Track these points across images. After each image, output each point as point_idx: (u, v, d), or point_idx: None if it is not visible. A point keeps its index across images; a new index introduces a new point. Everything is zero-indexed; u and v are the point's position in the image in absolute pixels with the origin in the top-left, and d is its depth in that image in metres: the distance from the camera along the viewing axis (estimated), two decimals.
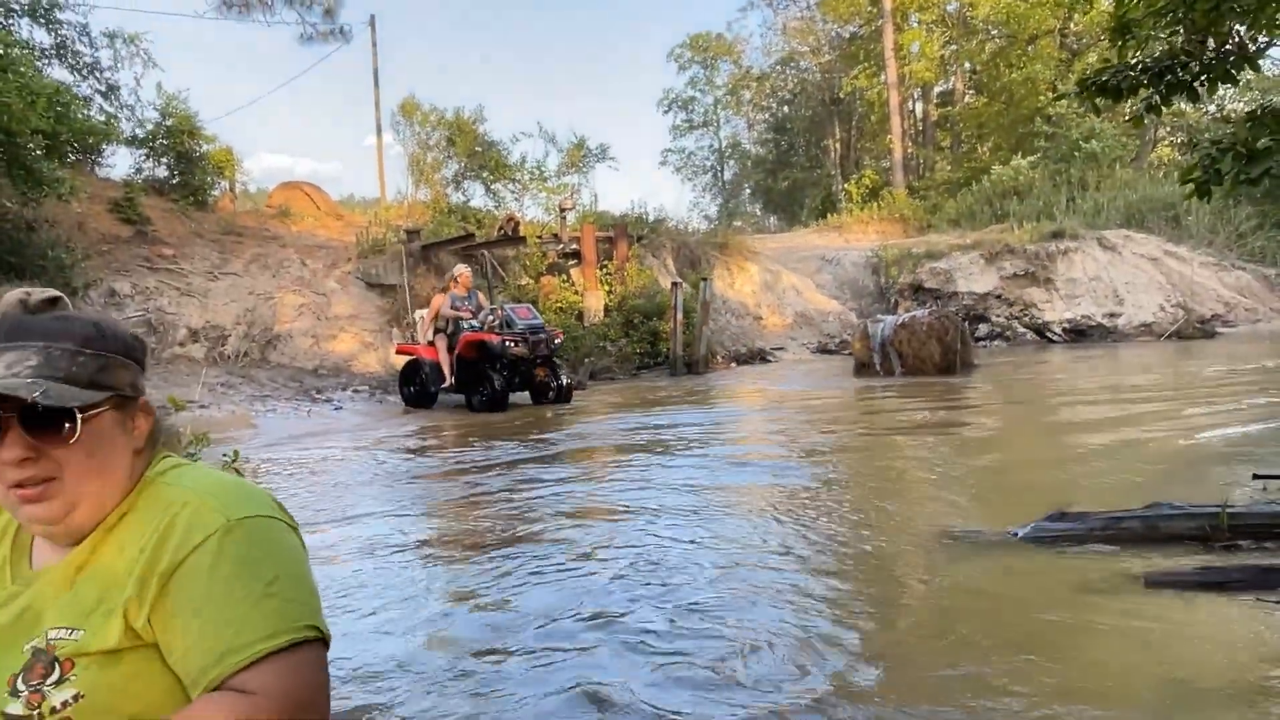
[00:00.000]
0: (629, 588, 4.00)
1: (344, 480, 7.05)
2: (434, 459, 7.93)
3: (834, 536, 4.73)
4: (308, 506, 6.08)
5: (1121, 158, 26.92)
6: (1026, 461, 6.67)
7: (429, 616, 3.77)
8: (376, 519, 5.66)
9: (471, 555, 4.71)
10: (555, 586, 4.08)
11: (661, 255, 20.08)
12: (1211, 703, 2.70)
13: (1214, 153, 3.89)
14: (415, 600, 4.00)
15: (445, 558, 4.73)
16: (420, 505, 6.13)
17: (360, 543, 5.04)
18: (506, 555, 4.63)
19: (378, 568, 4.53)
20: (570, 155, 22.84)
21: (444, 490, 6.56)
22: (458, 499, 6.24)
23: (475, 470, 7.19)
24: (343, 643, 3.45)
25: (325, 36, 25.25)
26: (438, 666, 3.23)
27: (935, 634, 3.40)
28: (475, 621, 3.69)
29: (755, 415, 9.93)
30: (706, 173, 49.18)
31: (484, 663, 3.24)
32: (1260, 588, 3.50)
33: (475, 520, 5.54)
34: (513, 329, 11.64)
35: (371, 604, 3.95)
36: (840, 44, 39.08)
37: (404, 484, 6.85)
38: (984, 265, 21.01)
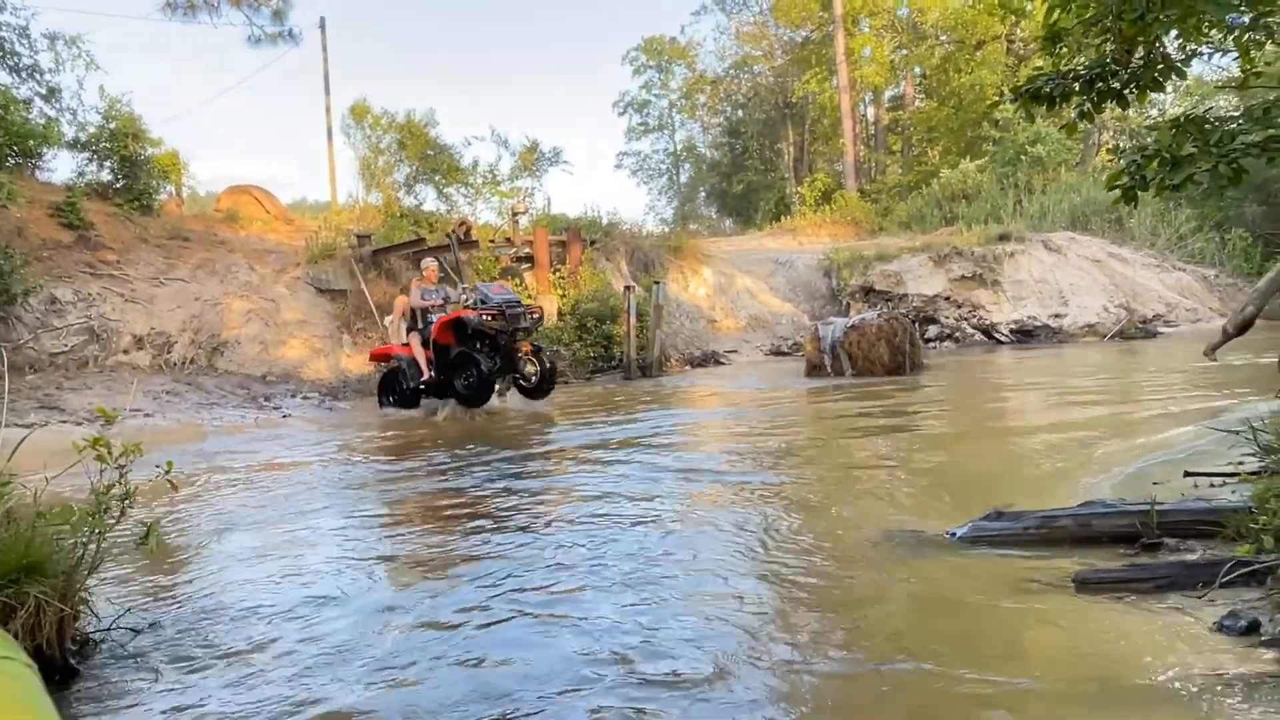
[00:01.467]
0: (574, 585, 4.00)
1: (290, 489, 6.96)
2: (384, 467, 7.86)
3: (777, 535, 4.76)
4: (253, 515, 6.00)
5: (1066, 161, 27.44)
6: (968, 461, 6.78)
7: (373, 627, 3.74)
8: (321, 527, 5.59)
9: (422, 565, 4.68)
10: (500, 591, 4.06)
11: (615, 258, 20.09)
12: (1135, 699, 2.77)
13: (1140, 158, 3.99)
14: (358, 611, 3.96)
15: (392, 568, 4.69)
16: (367, 514, 6.07)
17: (305, 553, 4.99)
18: (464, 563, 4.60)
19: (322, 579, 4.48)
20: (523, 158, 22.77)
21: (395, 498, 6.51)
22: (409, 507, 6.19)
23: (430, 476, 7.14)
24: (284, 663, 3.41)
25: (274, 39, 24.90)
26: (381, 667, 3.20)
27: (870, 632, 3.44)
28: (420, 611, 3.66)
29: (707, 417, 9.97)
30: (662, 176, 49.34)
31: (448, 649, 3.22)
32: (1186, 584, 3.59)
33: (427, 530, 5.50)
34: (489, 304, 11.08)
35: (317, 616, 3.91)
36: (792, 48, 39.40)
37: (350, 491, 6.77)
38: (933, 268, 21.29)
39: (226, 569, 4.76)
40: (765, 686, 2.99)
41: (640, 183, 50.44)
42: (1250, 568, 3.34)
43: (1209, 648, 3.05)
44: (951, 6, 32.94)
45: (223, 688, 3.19)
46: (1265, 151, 3.60)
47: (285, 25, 23.65)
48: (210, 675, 3.31)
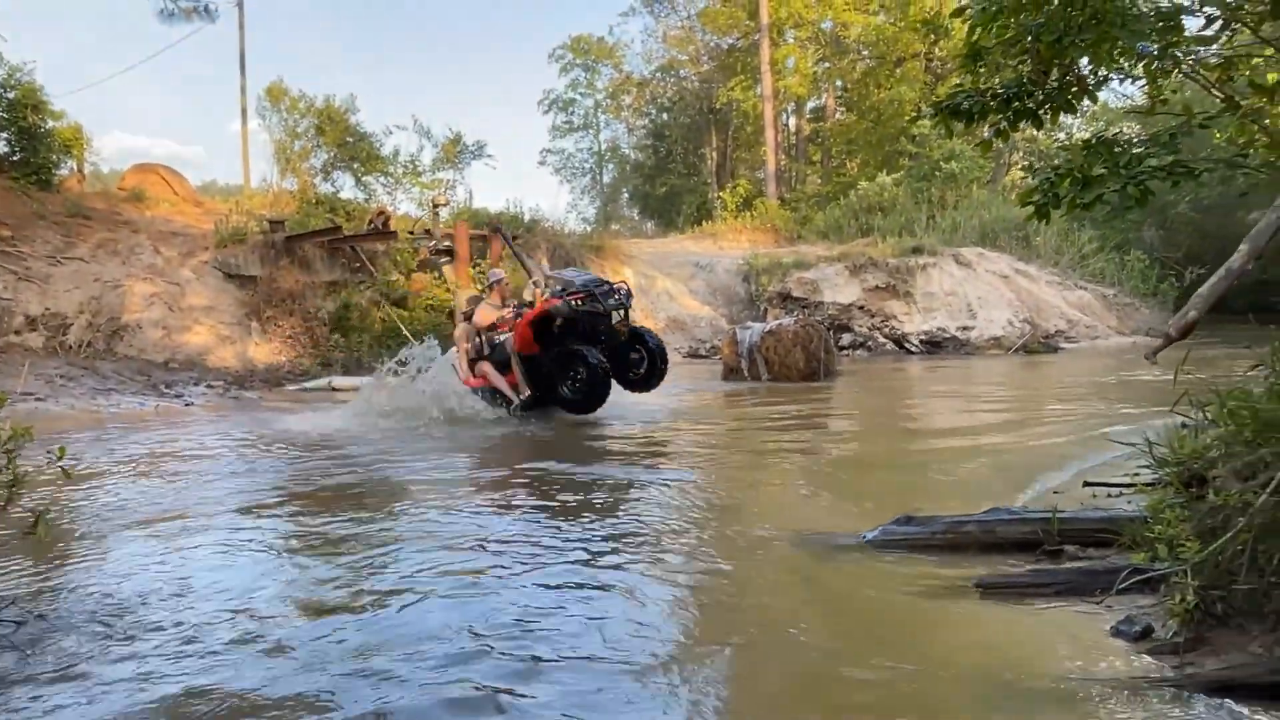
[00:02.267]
0: (471, 590, 3.94)
1: (189, 478, 6.71)
2: (288, 457, 7.63)
3: (688, 535, 4.77)
4: (149, 504, 5.76)
5: (978, 179, 28.30)
6: (879, 467, 6.91)
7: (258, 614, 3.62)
8: (218, 517, 5.40)
9: (316, 552, 4.56)
10: (391, 574, 3.98)
11: (536, 255, 19.95)
12: (1034, 700, 2.84)
13: (1053, 177, 4.12)
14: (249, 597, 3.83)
15: (286, 556, 4.55)
16: (264, 504, 5.88)
17: (199, 542, 4.81)
18: (355, 552, 4.49)
19: (214, 568, 4.32)
20: (446, 150, 22.47)
21: (295, 489, 6.32)
22: (308, 497, 6.03)
23: (336, 466, 6.97)
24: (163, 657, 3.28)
25: (189, 14, 24.12)
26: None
27: (775, 630, 3.48)
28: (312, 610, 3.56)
29: (620, 417, 9.95)
30: (585, 175, 49.23)
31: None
32: (1085, 590, 3.71)
33: (323, 518, 5.36)
34: (572, 288, 9.32)
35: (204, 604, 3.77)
36: (719, 55, 39.75)
37: (250, 481, 6.56)
38: (849, 277, 21.72)
39: (118, 559, 4.57)
40: (658, 676, 2.99)
41: (564, 181, 50.18)
42: (1145, 575, 3.46)
43: (1105, 651, 3.16)
44: (874, 23, 33.68)
45: (111, 680, 3.04)
46: (1170, 175, 3.76)
47: (200, 1, 22.88)
48: (97, 666, 3.16)
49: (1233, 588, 3.12)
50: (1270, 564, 3.08)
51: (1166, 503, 3.87)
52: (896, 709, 2.80)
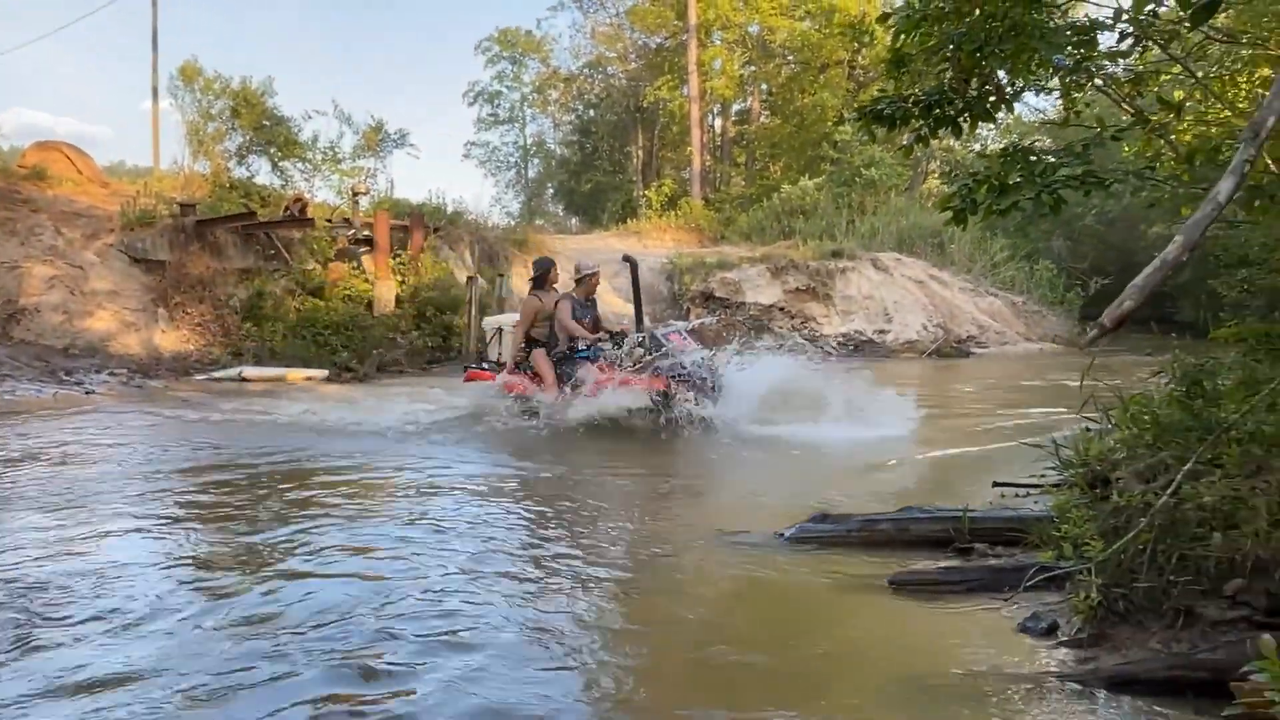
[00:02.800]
0: (376, 597, 3.85)
1: (86, 467, 6.43)
2: (190, 448, 7.37)
3: (605, 533, 4.76)
4: (42, 495, 5.50)
5: (897, 186, 28.89)
6: (799, 466, 6.98)
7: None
8: (112, 509, 5.18)
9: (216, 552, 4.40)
10: (296, 600, 3.87)
11: (459, 248, 19.69)
12: (943, 694, 2.90)
13: (971, 183, 4.21)
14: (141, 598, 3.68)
15: (179, 547, 4.39)
16: (162, 495, 5.67)
17: (91, 534, 4.61)
18: (251, 555, 4.35)
19: (108, 562, 4.14)
20: (367, 138, 21.97)
21: (196, 480, 6.11)
22: (208, 489, 5.83)
23: (236, 456, 6.75)
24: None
25: None
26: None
27: (689, 623, 3.51)
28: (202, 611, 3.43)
29: (530, 417, 9.85)
30: (510, 169, 48.78)
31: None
32: (993, 587, 3.80)
33: (220, 510, 5.18)
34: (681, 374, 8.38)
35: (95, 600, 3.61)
36: (646, 54, 39.79)
37: (148, 471, 6.31)
38: (770, 278, 21.97)
39: (8, 547, 4.35)
40: (557, 661, 3.00)
41: (488, 174, 49.62)
42: (1051, 573, 3.56)
43: (1012, 647, 3.24)
44: (799, 28, 34.13)
45: None
46: (1082, 184, 3.87)
47: None
48: None
49: (1134, 585, 3.23)
50: (1169, 563, 3.19)
51: (1072, 503, 3.99)
52: (804, 699, 2.82)
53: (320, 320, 15.25)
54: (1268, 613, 3.00)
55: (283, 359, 14.33)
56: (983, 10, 4.17)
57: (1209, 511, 3.24)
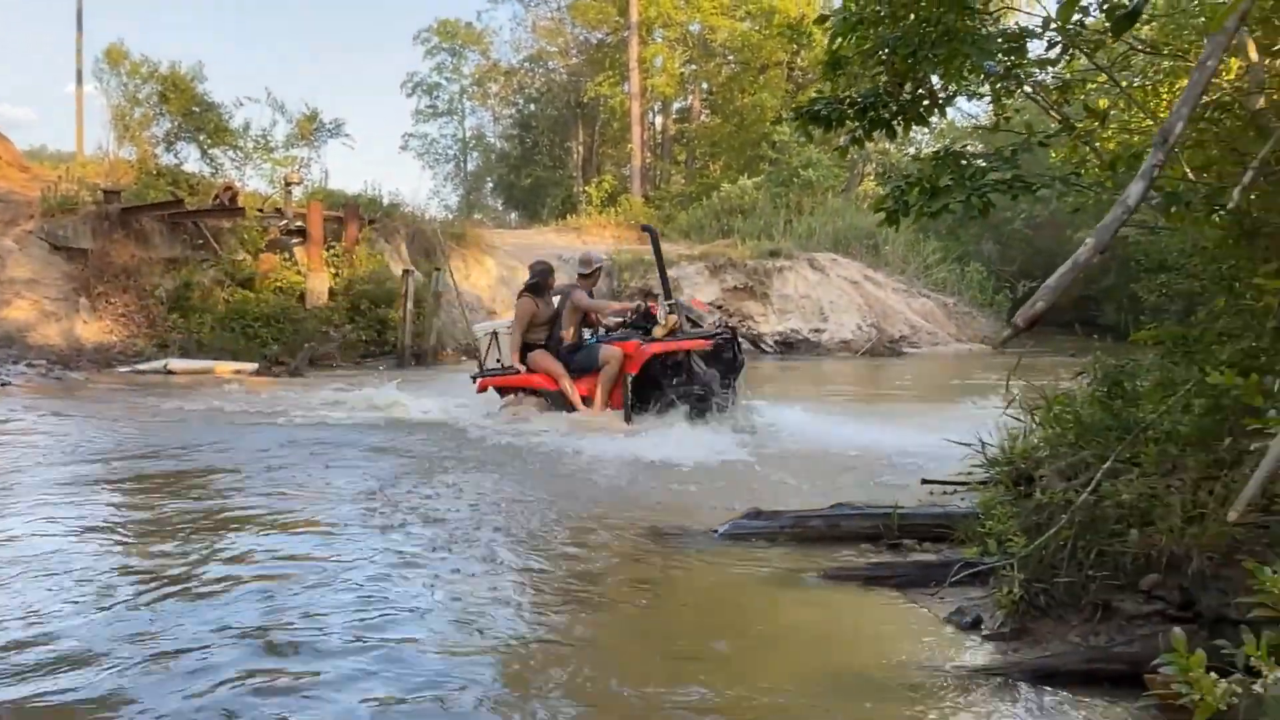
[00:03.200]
0: (304, 596, 3.78)
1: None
2: (107, 441, 7.15)
3: (539, 530, 4.73)
4: None
5: (833, 187, 29.28)
6: (734, 463, 7.02)
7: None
8: (20, 502, 5.01)
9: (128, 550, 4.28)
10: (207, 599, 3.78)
11: (395, 241, 19.41)
12: (871, 685, 2.94)
13: (903, 185, 4.28)
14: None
15: (92, 542, 4.26)
16: (73, 488, 5.49)
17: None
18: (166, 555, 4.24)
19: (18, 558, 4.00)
20: (301, 127, 21.50)
21: (110, 474, 5.93)
22: (123, 483, 5.66)
23: (154, 449, 6.57)
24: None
25: None
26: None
27: (623, 618, 3.51)
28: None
29: (466, 411, 9.76)
30: (449, 162, 48.21)
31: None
32: (921, 582, 3.88)
33: (134, 504, 5.04)
34: (704, 334, 8.48)
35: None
36: (587, 49, 39.68)
37: (61, 465, 6.11)
38: (709, 277, 22.10)
39: None
40: (484, 655, 2.98)
41: (426, 166, 48.94)
42: (976, 569, 3.64)
43: (938, 640, 3.30)
44: (740, 29, 34.35)
45: None
46: (1010, 188, 3.96)
47: None
48: None
49: (1054, 580, 3.31)
50: (1089, 558, 3.28)
51: (997, 500, 4.09)
52: (736, 689, 2.84)
53: (250, 312, 14.92)
54: (1181, 607, 3.10)
55: (211, 352, 13.99)
56: (917, 15, 4.24)
57: (1127, 509, 3.34)
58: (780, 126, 23.43)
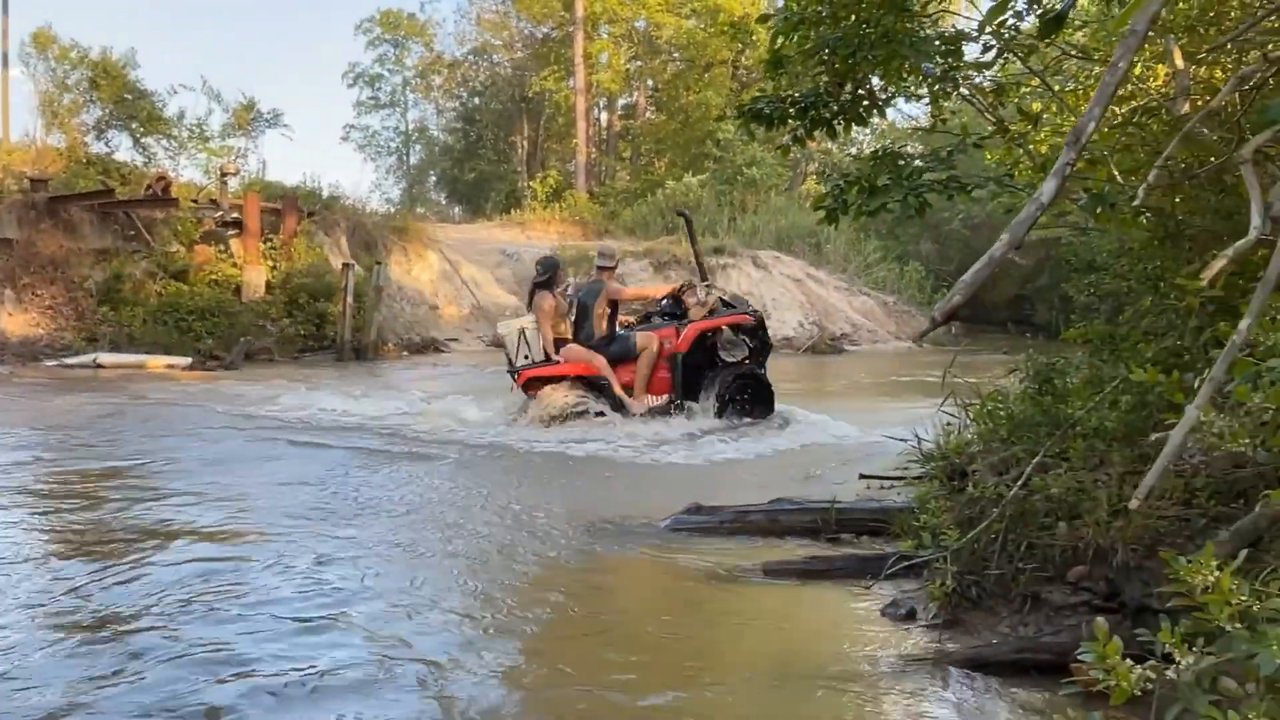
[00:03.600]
0: (242, 592, 3.72)
1: None
2: (32, 437, 6.94)
3: (485, 525, 4.71)
4: None
5: (777, 186, 29.54)
6: (670, 460, 7.04)
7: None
8: None
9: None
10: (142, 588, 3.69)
11: (335, 234, 19.10)
12: (805, 677, 2.98)
13: (842, 183, 4.34)
14: None
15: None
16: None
17: None
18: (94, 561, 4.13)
19: None
20: (238, 116, 21.09)
21: (32, 470, 5.76)
22: (41, 480, 5.50)
23: (78, 444, 6.39)
24: None
25: None
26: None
27: (569, 615, 3.51)
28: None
29: (409, 408, 9.67)
30: (391, 155, 47.52)
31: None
32: (858, 575, 3.93)
33: (52, 500, 4.90)
34: (745, 310, 8.66)
35: None
36: (532, 43, 39.47)
37: None
38: (653, 273, 22.16)
39: None
40: (435, 649, 2.97)
41: (367, 159, 48.23)
42: (911, 562, 3.70)
43: (873, 631, 3.35)
44: (685, 26, 34.45)
45: None
46: (946, 189, 4.04)
47: None
48: None
49: (986, 573, 3.39)
50: (1019, 551, 3.36)
51: (931, 495, 4.17)
52: (675, 679, 2.86)
53: (184, 305, 14.59)
54: (1106, 597, 3.19)
55: (142, 346, 13.65)
56: (857, 16, 4.29)
57: (1055, 502, 3.42)
58: (724, 124, 23.56)
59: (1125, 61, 1.84)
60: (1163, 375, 2.17)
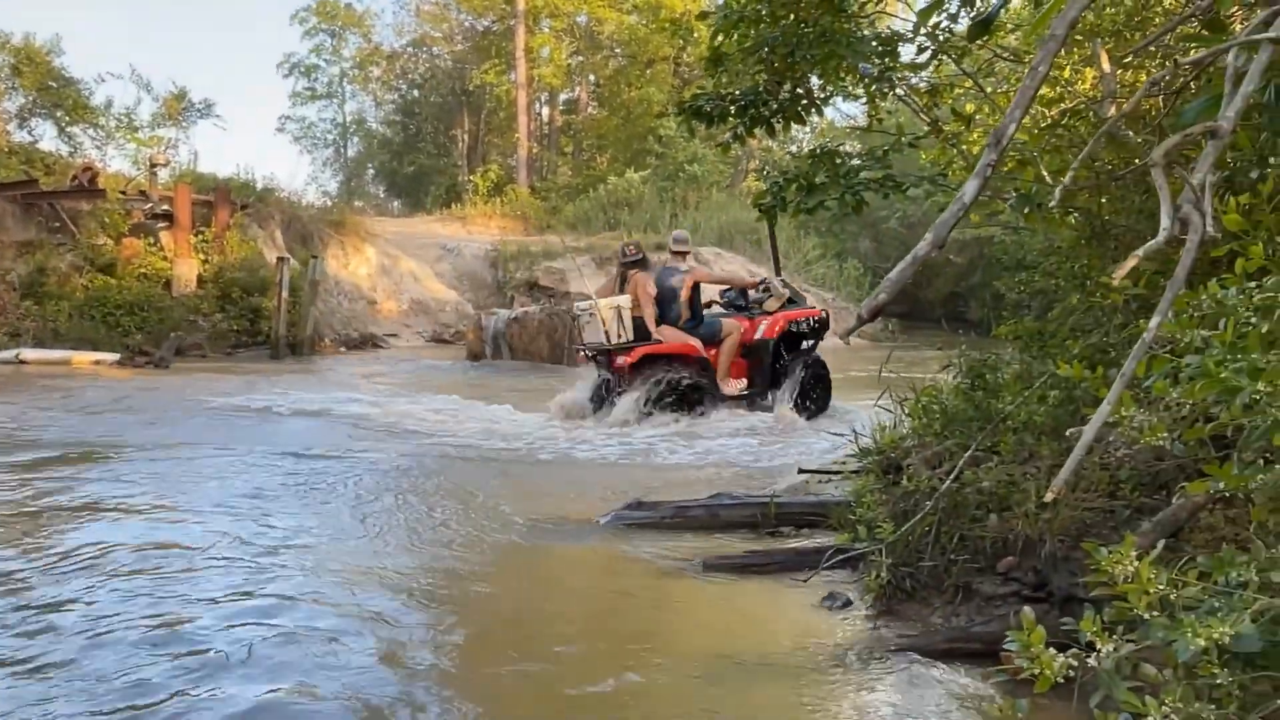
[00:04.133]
0: (186, 590, 3.64)
1: None
2: None
3: (423, 524, 4.66)
4: None
5: (718, 183, 29.71)
6: (612, 455, 7.06)
7: None
8: None
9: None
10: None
11: (269, 227, 18.72)
12: (745, 668, 3.01)
13: (781, 181, 4.39)
14: None
15: None
16: None
17: None
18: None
19: None
20: (168, 106, 20.55)
21: None
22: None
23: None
24: None
25: None
26: None
27: (509, 612, 3.50)
28: None
29: (352, 403, 9.54)
30: (328, 147, 46.67)
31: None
32: (796, 568, 3.98)
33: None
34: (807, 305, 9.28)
35: None
36: (473, 36, 39.11)
37: None
38: (595, 269, 22.10)
39: None
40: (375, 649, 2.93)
41: (304, 151, 47.32)
42: (847, 554, 3.76)
43: (811, 623, 3.40)
44: (627, 22, 34.43)
45: None
46: (882, 187, 4.12)
47: None
48: None
49: (919, 564, 3.45)
50: (951, 543, 3.44)
51: (868, 488, 4.23)
52: (616, 673, 2.87)
53: (112, 300, 14.17)
54: (1035, 588, 3.27)
55: (68, 341, 13.23)
56: (796, 16, 4.34)
57: (987, 495, 3.50)
58: (666, 121, 23.63)
59: (1045, 65, 1.88)
60: (1088, 371, 2.22)
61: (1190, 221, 1.74)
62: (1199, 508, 3.02)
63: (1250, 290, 1.72)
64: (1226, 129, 1.81)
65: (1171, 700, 1.50)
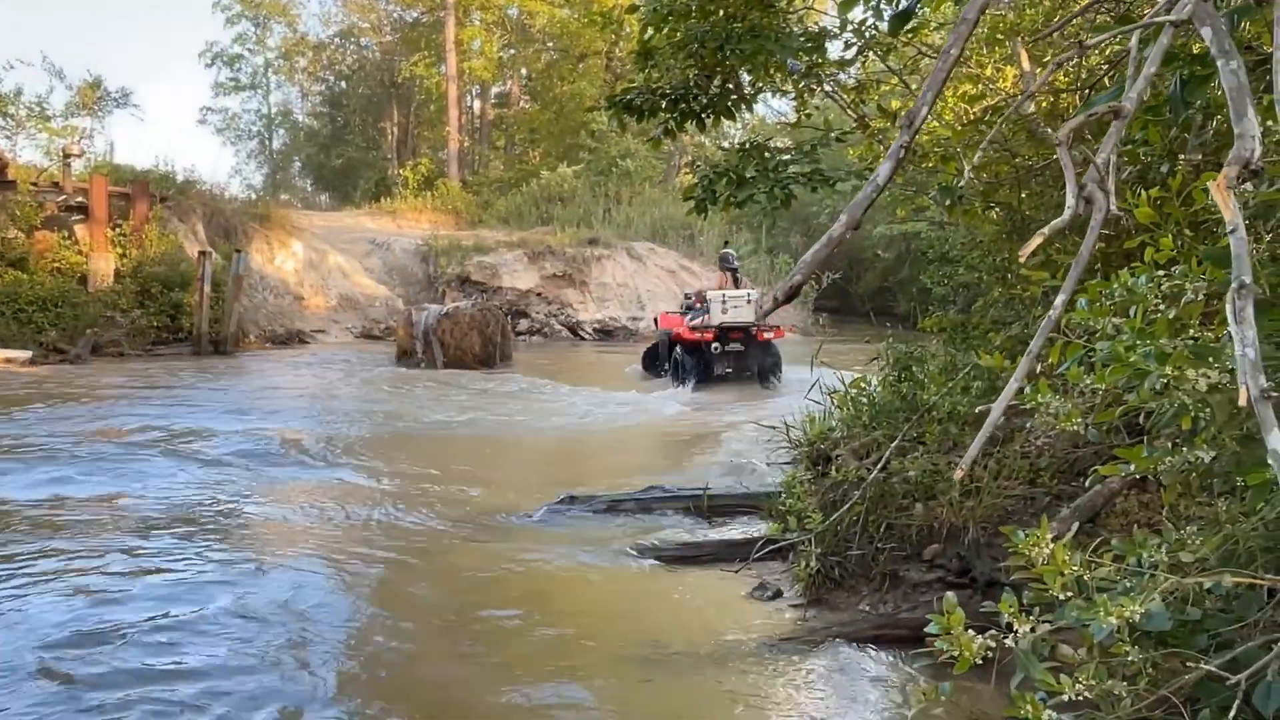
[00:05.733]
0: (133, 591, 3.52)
1: None
2: None
3: (358, 521, 4.59)
4: None
5: (651, 178, 29.76)
6: (546, 450, 7.03)
7: None
8: None
9: None
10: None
11: (190, 220, 18.18)
12: (679, 656, 3.03)
13: (712, 175, 4.40)
14: None
15: None
16: None
17: None
18: None
19: None
20: (83, 95, 19.78)
21: None
22: None
23: None
24: None
25: None
26: None
27: (442, 605, 3.48)
28: None
29: (284, 403, 9.33)
30: (252, 139, 45.47)
31: None
32: (728, 559, 4.01)
33: None
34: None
35: None
36: (402, 27, 38.49)
37: None
38: (528, 264, 22.01)
39: None
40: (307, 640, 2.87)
41: (227, 143, 45.94)
42: (777, 545, 3.80)
43: (742, 612, 3.44)
44: (559, 15, 34.24)
45: None
46: (810, 181, 4.16)
47: None
48: None
49: (848, 553, 3.51)
50: (879, 532, 3.50)
51: (798, 479, 4.28)
52: (550, 662, 2.88)
53: (23, 295, 13.63)
54: (959, 574, 3.35)
55: None
56: (725, 11, 4.35)
57: (913, 484, 3.57)
58: (598, 115, 23.58)
59: (957, 49, 1.92)
60: (1008, 361, 2.28)
61: (1094, 200, 1.79)
62: (1115, 493, 3.12)
63: (1159, 278, 1.78)
64: (1129, 109, 1.86)
65: (1085, 678, 1.54)
